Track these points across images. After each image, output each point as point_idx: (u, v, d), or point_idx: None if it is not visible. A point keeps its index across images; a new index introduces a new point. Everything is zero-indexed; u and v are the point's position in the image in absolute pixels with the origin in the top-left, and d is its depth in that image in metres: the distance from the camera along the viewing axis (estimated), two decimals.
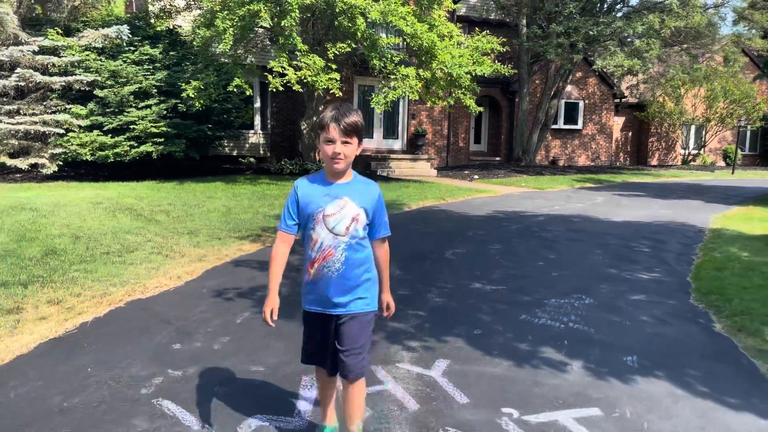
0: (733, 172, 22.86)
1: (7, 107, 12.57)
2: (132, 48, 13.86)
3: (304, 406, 3.13)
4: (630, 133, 28.37)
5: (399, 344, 3.99)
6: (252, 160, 17.81)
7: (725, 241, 7.79)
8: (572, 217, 10.10)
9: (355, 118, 2.37)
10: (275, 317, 2.44)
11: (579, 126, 25.27)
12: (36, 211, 8.06)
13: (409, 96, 13.49)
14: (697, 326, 4.56)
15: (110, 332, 4.09)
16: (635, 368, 3.71)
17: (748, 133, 30.07)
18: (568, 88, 23.91)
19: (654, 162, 27.93)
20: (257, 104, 19.07)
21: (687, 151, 28.04)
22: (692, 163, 27.77)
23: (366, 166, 17.02)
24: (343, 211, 2.41)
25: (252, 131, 19.00)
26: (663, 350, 4.04)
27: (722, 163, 28.61)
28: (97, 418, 2.91)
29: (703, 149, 28.39)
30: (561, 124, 24.87)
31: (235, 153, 18.44)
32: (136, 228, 7.45)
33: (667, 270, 6.32)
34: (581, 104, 25.08)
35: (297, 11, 11.59)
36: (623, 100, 26.09)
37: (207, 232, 7.43)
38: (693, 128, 28.12)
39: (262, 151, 19.13)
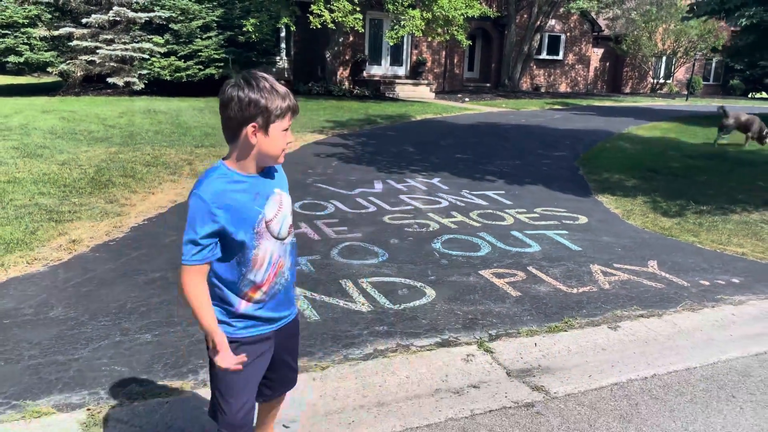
0: (687, 99, 26.75)
1: (104, 36, 16.21)
2: None
3: None
4: (608, 64, 31.93)
5: (415, 173, 8.17)
6: (282, 82, 21.51)
7: (621, 139, 11.94)
8: (530, 126, 14.17)
9: None
10: (237, 357, 1.78)
11: (560, 57, 28.82)
12: (165, 113, 12.04)
13: (414, 33, 17.15)
14: (570, 171, 8.77)
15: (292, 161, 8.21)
16: (528, 182, 7.93)
17: (714, 66, 33.68)
18: (552, 22, 27.28)
19: (627, 90, 31.65)
20: (282, 34, 22.52)
21: (656, 81, 31.76)
22: (660, 91, 31.53)
23: (376, 89, 20.81)
24: (284, 208, 1.83)
25: (279, 57, 22.56)
26: (545, 178, 8.25)
27: (686, 92, 32.36)
28: (329, 181, 7.07)
29: (671, 79, 32.09)
30: (544, 55, 28.41)
31: None
32: None
33: (572, 151, 10.49)
34: (563, 37, 28.53)
35: None
36: (601, 33, 29.48)
37: None
38: (664, 59, 31.65)
39: (286, 75, 22.79)
